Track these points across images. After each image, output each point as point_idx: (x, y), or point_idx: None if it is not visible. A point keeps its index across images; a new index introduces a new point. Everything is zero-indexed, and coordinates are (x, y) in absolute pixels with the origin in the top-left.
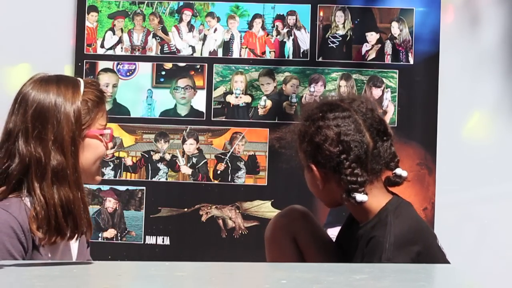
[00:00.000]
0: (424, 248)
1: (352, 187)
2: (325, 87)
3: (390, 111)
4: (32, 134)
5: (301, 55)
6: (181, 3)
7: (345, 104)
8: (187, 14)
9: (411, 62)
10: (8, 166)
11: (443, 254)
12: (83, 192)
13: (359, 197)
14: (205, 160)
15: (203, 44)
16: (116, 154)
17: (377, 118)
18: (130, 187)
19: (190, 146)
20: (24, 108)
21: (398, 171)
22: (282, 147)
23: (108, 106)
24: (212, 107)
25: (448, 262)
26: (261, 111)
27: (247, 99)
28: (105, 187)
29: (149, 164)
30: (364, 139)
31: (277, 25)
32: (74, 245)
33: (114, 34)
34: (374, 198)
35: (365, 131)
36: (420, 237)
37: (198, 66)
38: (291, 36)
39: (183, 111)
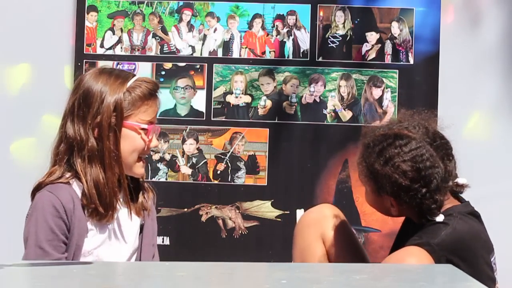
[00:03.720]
0: (464, 263)
1: (432, 212)
2: (325, 87)
3: (390, 111)
4: (77, 115)
5: (301, 55)
6: (181, 3)
7: (415, 134)
8: (187, 14)
9: (411, 62)
10: (59, 146)
11: (489, 272)
12: (120, 175)
13: (439, 218)
14: (205, 160)
15: (203, 44)
16: None
17: (444, 143)
18: None
19: (190, 146)
20: (76, 92)
21: (460, 180)
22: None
23: None
24: (212, 107)
25: (492, 281)
26: (261, 111)
27: (247, 99)
28: None
29: (149, 164)
30: (439, 170)
31: (277, 25)
32: (128, 227)
33: (113, 34)
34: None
35: (438, 161)
36: (475, 246)
37: (198, 66)
38: (291, 36)
39: (183, 111)
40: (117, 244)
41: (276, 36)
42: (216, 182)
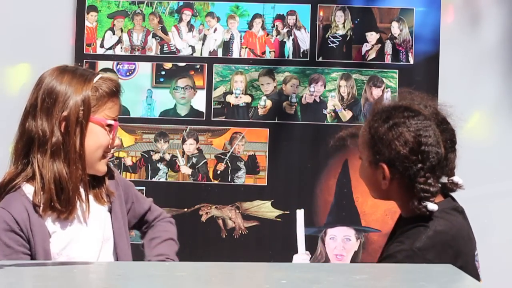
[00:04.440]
0: (461, 258)
1: (424, 196)
2: (325, 87)
3: None
4: (40, 109)
5: (301, 55)
6: (181, 3)
7: (425, 112)
8: (187, 14)
9: (411, 62)
10: (18, 143)
11: (475, 268)
12: (82, 171)
13: (431, 206)
14: (205, 160)
15: (203, 44)
16: (116, 154)
17: (451, 130)
18: None
19: (190, 146)
20: (39, 88)
21: (455, 178)
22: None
23: None
24: (212, 107)
25: (478, 278)
26: (261, 111)
27: (247, 99)
28: None
29: (149, 164)
30: (439, 151)
31: (277, 25)
32: (92, 219)
33: (113, 34)
34: None
35: (441, 143)
36: (458, 244)
37: (198, 66)
38: (291, 36)
39: (183, 111)
40: (84, 239)
41: (276, 36)
42: (216, 182)
